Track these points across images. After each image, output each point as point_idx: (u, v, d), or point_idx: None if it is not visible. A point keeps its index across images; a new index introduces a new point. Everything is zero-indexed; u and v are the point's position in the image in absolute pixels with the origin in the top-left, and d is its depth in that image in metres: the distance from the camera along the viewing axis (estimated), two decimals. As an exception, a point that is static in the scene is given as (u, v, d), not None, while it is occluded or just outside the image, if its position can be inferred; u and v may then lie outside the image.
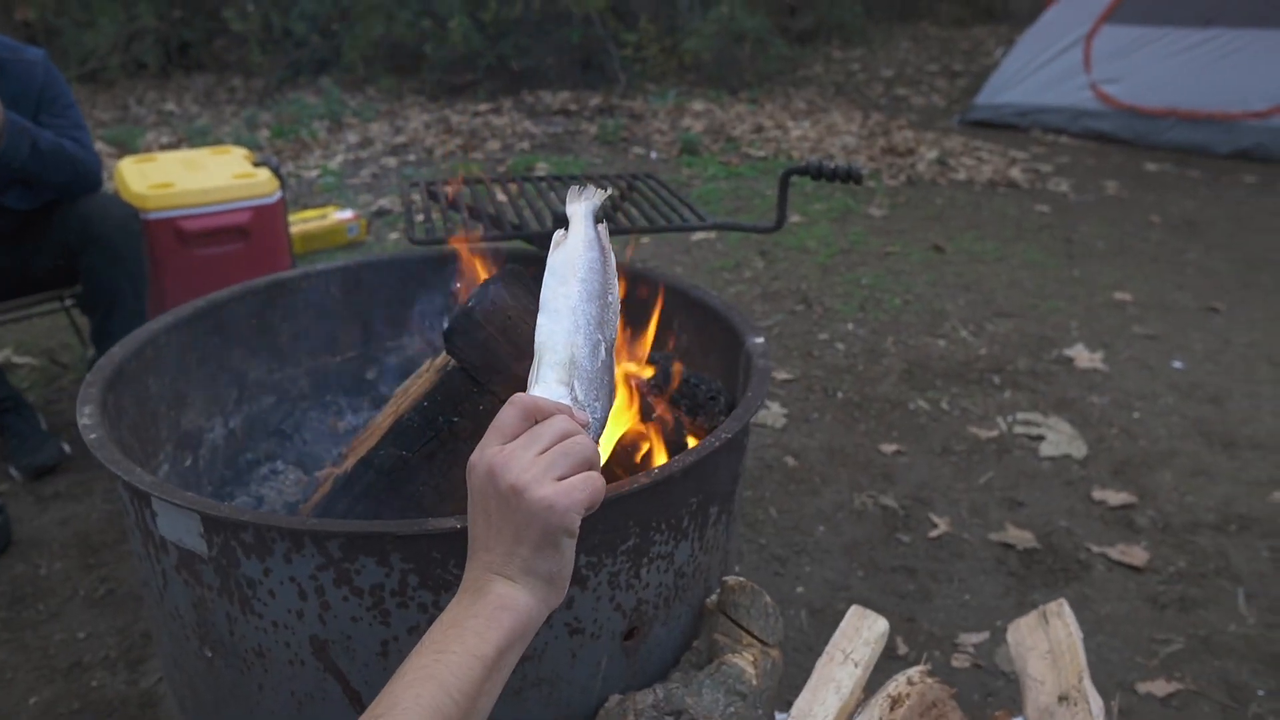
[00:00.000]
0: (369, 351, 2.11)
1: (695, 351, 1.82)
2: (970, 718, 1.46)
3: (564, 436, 0.80)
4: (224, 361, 1.86)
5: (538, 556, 0.76)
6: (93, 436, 1.27)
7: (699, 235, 4.53)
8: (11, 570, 2.28)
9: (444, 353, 1.35)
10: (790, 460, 2.70)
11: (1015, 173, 5.48)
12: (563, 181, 2.28)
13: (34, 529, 2.43)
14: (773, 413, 2.96)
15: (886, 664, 1.91)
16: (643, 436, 1.36)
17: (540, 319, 0.96)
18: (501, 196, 2.18)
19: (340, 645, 1.18)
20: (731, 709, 1.22)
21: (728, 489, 1.39)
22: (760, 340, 1.57)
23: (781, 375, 3.20)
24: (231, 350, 1.87)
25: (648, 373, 1.48)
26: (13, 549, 2.35)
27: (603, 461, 0.93)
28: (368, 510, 1.26)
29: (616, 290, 1.04)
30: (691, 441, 1.52)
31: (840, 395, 3.07)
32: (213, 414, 1.84)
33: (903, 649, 1.98)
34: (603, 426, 0.93)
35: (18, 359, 3.36)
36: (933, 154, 5.78)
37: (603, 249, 1.07)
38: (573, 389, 0.90)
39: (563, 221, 1.85)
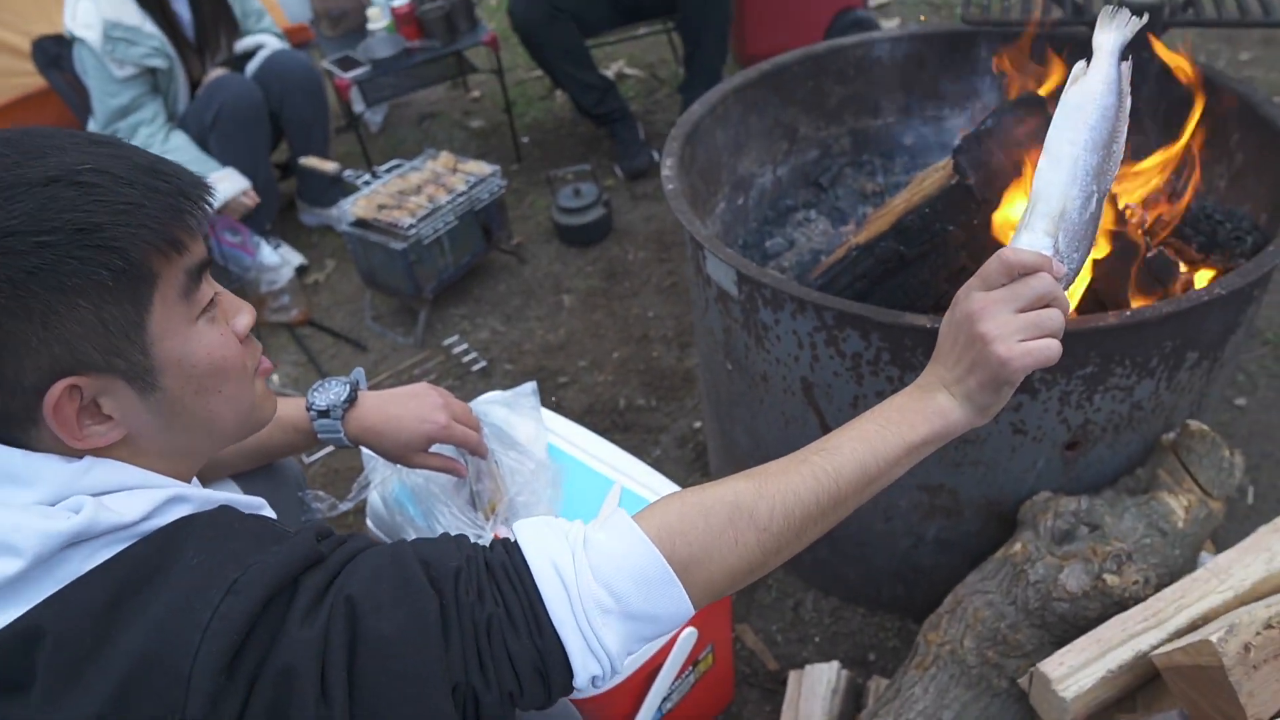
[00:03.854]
0: (909, 119, 2.24)
1: (1249, 177, 1.68)
2: None
3: (1042, 301, 0.89)
4: (779, 118, 2.14)
5: (981, 391, 0.91)
6: (670, 187, 1.64)
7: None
8: (609, 251, 2.96)
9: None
10: (1364, 295, 2.35)
11: None
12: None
13: (626, 221, 3.09)
14: (1366, 234, 2.53)
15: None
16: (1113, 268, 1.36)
17: (1041, 162, 0.99)
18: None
19: (822, 389, 1.49)
20: (1147, 540, 1.32)
21: (1216, 339, 1.38)
22: (1318, 184, 1.42)
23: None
24: (787, 108, 2.14)
25: (1135, 195, 1.44)
26: (612, 235, 3.02)
27: (1071, 308, 1.02)
28: (863, 289, 1.49)
29: (1124, 137, 1.04)
30: (1202, 279, 1.49)
31: None
32: (764, 162, 2.16)
33: None
34: (1076, 274, 1.01)
35: (628, 70, 4.01)
36: None
37: (1120, 93, 1.04)
38: (1056, 239, 0.95)
39: (1135, 10, 1.76)
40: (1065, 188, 0.98)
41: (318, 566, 0.74)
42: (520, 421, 1.47)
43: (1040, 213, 0.97)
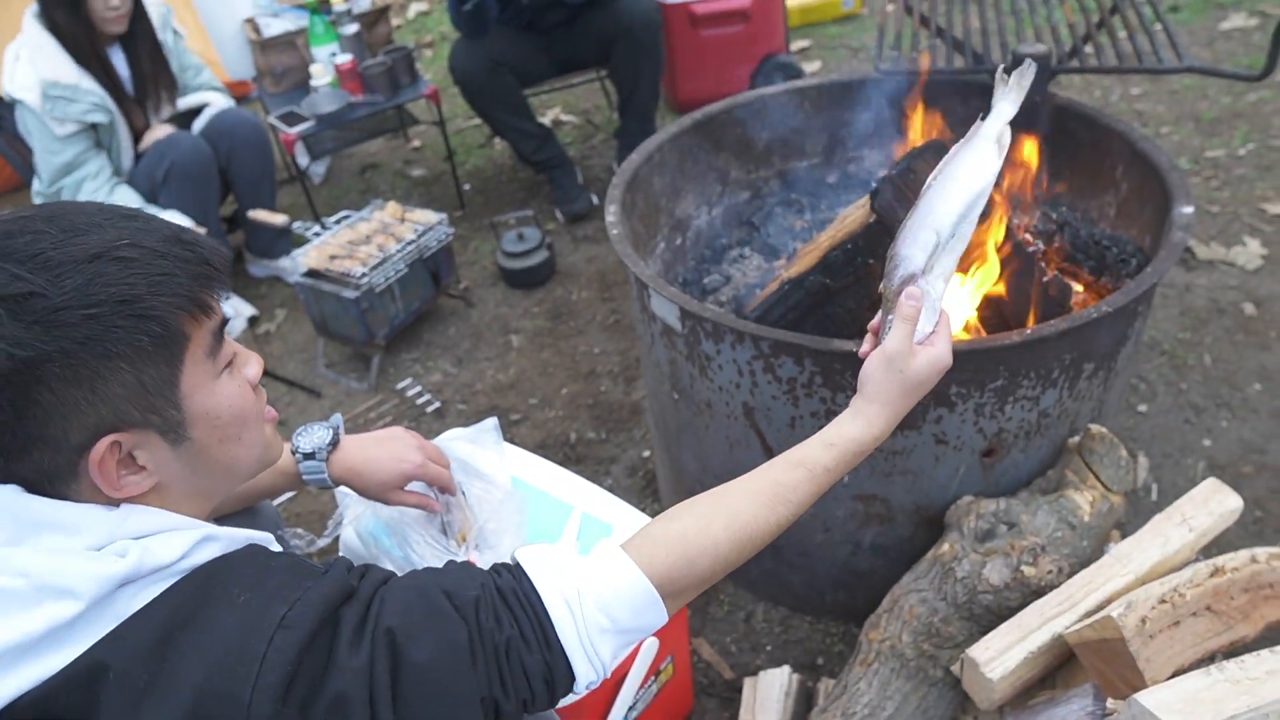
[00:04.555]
0: (831, 159, 2.41)
1: (1132, 204, 1.87)
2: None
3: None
4: (712, 163, 2.29)
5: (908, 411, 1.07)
6: (614, 232, 1.77)
7: (1229, 23, 3.98)
8: (554, 293, 3.07)
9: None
10: (1249, 307, 2.57)
11: None
12: None
13: (569, 263, 3.21)
14: (1249, 251, 2.77)
15: (1274, 540, 1.95)
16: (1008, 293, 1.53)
17: (950, 207, 1.09)
18: (975, 22, 2.26)
19: (762, 413, 1.62)
20: (1059, 534, 1.47)
21: (1108, 350, 1.54)
22: (1188, 210, 1.60)
23: (1275, 209, 2.92)
24: (719, 154, 2.29)
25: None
26: (555, 276, 3.14)
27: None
28: (795, 319, 1.63)
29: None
30: (1092, 298, 1.66)
31: (1341, 243, 2.75)
32: (700, 205, 2.31)
33: (1302, 523, 1.98)
34: None
35: (564, 117, 4.16)
36: None
37: (1003, 157, 1.14)
38: (948, 283, 1.12)
39: (1019, 60, 1.94)
40: (962, 244, 1.12)
41: (353, 599, 0.84)
42: (484, 455, 1.57)
43: (940, 273, 1.10)
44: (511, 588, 0.89)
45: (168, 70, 2.95)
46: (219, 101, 3.04)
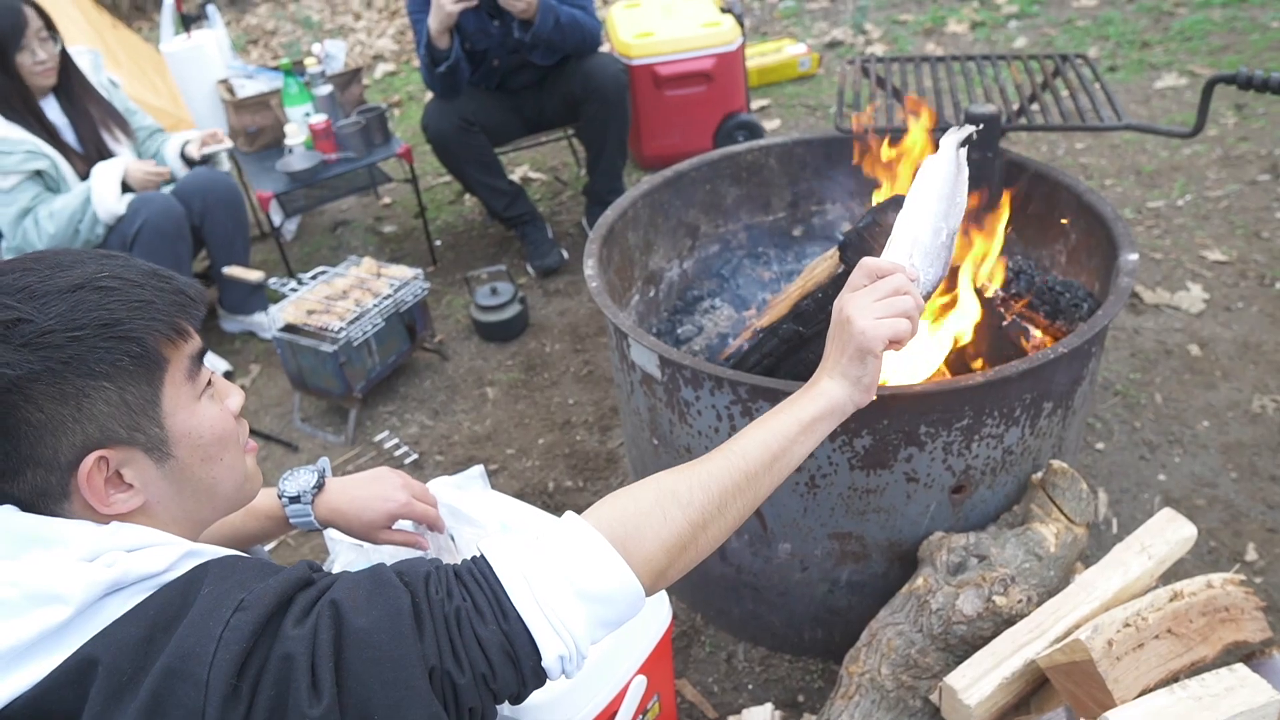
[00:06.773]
0: (796, 214, 2.51)
1: (1082, 252, 1.98)
2: None
3: (895, 292, 1.12)
4: (682, 218, 2.38)
5: (850, 364, 1.11)
6: (594, 285, 1.84)
7: (1162, 82, 4.21)
8: (527, 346, 3.13)
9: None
10: (1194, 349, 2.70)
11: None
12: (990, 61, 2.42)
13: (541, 316, 3.27)
14: (1191, 295, 2.91)
15: (1228, 567, 2.04)
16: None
17: (903, 210, 1.29)
18: (928, 83, 2.39)
19: (741, 455, 1.68)
20: (1026, 565, 1.54)
21: (1066, 390, 1.63)
22: (1133, 257, 1.71)
23: (1214, 255, 3.07)
24: (689, 209, 2.38)
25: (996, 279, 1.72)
26: (529, 329, 3.20)
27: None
28: (770, 365, 1.71)
29: (964, 194, 1.33)
30: (1049, 341, 1.76)
31: (1278, 286, 2.90)
32: (671, 258, 2.39)
33: (1252, 555, 2.07)
34: (933, 287, 1.26)
35: (532, 174, 4.26)
36: None
37: (959, 165, 1.35)
38: (911, 255, 1.23)
39: (972, 120, 2.06)
40: (918, 223, 1.27)
41: (310, 587, 0.86)
42: (471, 500, 1.61)
43: (900, 238, 1.26)
44: (467, 567, 0.90)
45: (113, 110, 3.00)
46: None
